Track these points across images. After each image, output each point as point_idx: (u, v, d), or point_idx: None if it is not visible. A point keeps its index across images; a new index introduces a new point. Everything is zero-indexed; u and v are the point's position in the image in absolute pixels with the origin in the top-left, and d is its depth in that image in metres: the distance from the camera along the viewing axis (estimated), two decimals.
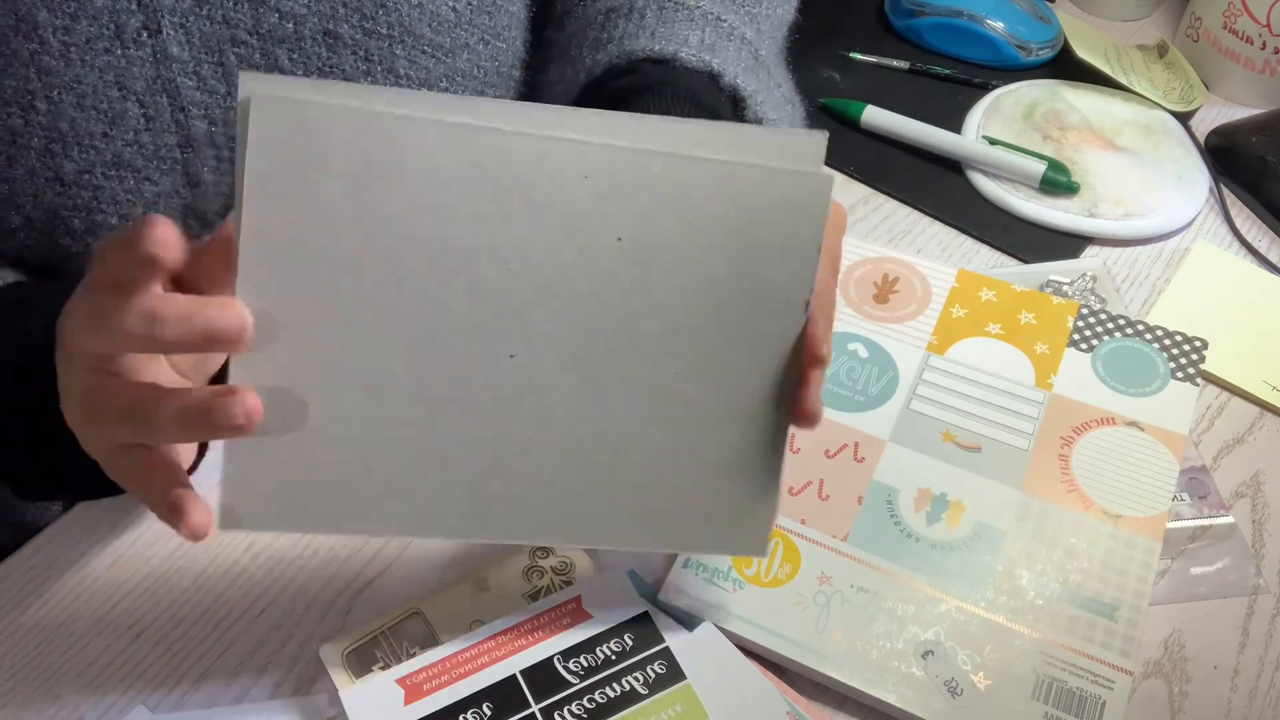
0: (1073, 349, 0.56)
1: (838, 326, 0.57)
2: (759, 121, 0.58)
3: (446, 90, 0.59)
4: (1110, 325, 0.57)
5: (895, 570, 0.48)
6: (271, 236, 0.37)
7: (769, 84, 0.61)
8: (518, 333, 0.40)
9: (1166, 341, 0.56)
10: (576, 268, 0.40)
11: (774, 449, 0.42)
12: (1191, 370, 0.55)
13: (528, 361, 0.40)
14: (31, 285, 0.52)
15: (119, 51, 0.48)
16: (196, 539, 0.38)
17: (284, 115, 0.36)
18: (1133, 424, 0.53)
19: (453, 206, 0.39)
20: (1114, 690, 0.44)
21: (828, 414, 0.53)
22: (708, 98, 0.55)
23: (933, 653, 0.45)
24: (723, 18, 0.60)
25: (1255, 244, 0.66)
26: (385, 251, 0.38)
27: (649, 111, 0.53)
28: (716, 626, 0.46)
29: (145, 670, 0.46)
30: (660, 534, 0.43)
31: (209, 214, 0.55)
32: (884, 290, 0.59)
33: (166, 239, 0.36)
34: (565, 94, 0.60)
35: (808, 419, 0.42)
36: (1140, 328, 0.57)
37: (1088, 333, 0.57)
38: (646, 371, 0.41)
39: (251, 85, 0.36)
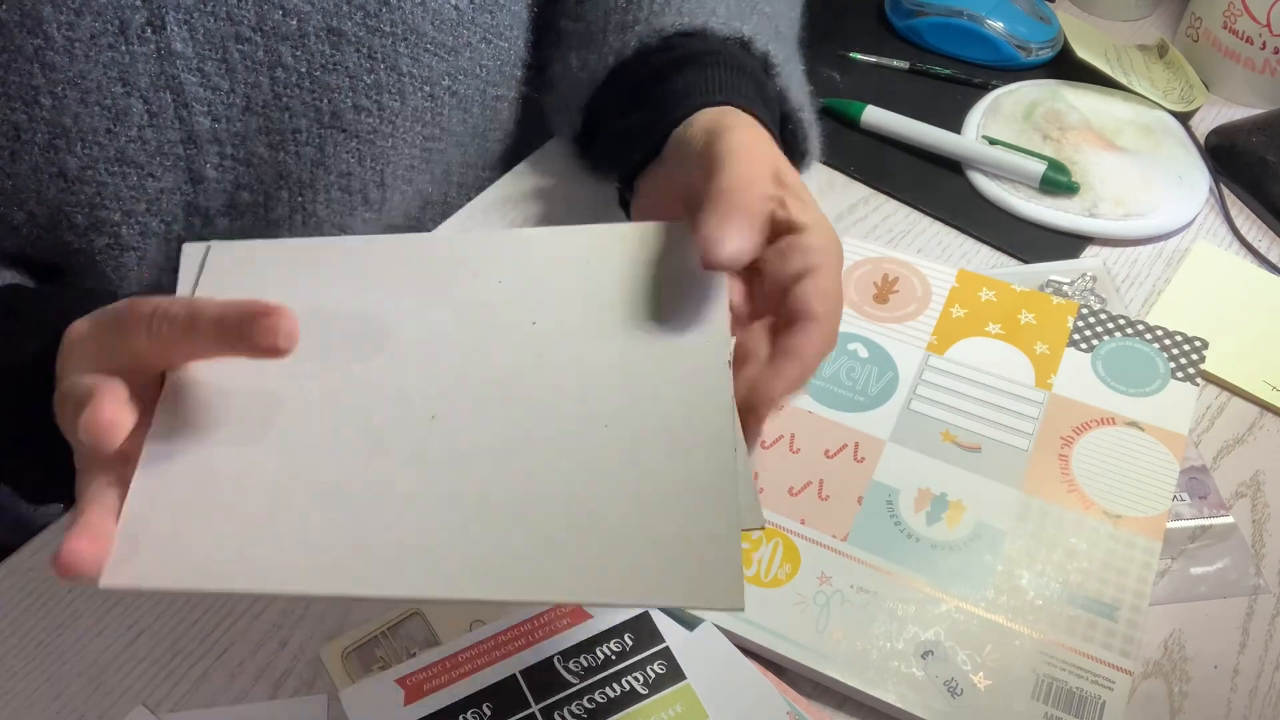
0: (1073, 349, 0.56)
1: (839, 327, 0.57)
2: (786, 90, 0.58)
3: (450, 88, 0.59)
4: (1110, 325, 0.57)
5: (895, 570, 0.48)
6: None
7: (791, 58, 0.61)
8: (437, 397, 0.40)
9: (1166, 341, 0.56)
10: (493, 344, 0.41)
11: (726, 492, 0.38)
12: (1191, 370, 0.55)
13: (449, 422, 0.40)
14: (24, 291, 0.52)
15: (123, 47, 0.48)
16: (62, 571, 0.34)
17: (224, 254, 0.44)
18: (1133, 424, 0.53)
19: (375, 294, 0.42)
20: (1114, 690, 0.44)
21: (828, 414, 0.53)
22: (748, 64, 0.55)
23: (933, 653, 0.45)
24: None
25: (1255, 244, 0.66)
26: (307, 328, 0.37)
27: (695, 81, 0.51)
28: (716, 626, 0.46)
29: (145, 670, 0.46)
30: (617, 587, 0.37)
31: (211, 211, 0.55)
32: (884, 290, 0.59)
33: (115, 422, 0.35)
34: (590, 79, 0.60)
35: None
36: (1140, 328, 0.57)
37: (1088, 333, 0.57)
38: (575, 427, 0.40)
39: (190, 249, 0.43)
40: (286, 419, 0.40)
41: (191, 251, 0.43)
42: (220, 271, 0.43)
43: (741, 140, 0.46)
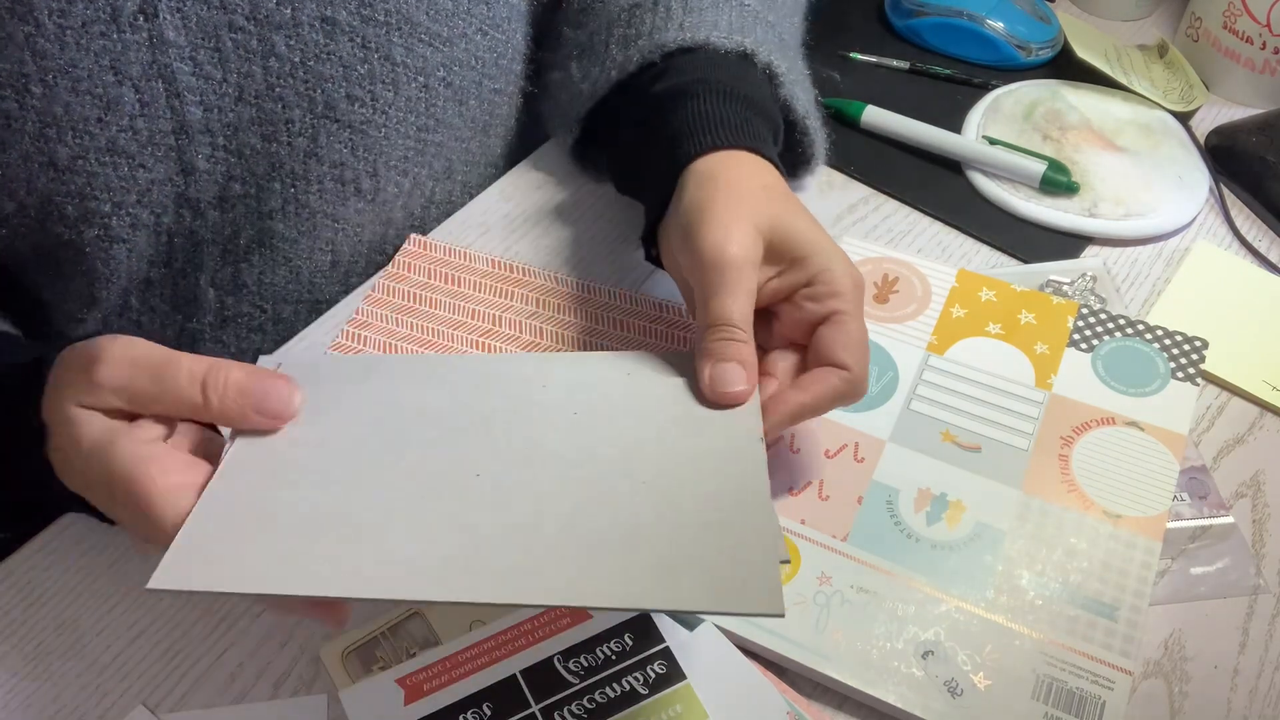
0: (1073, 349, 0.56)
1: None
2: (792, 99, 0.58)
3: (444, 79, 0.59)
4: (1110, 325, 0.57)
5: (895, 570, 0.48)
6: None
7: (794, 66, 0.61)
8: (483, 461, 0.44)
9: (1166, 341, 0.56)
10: (538, 426, 0.46)
11: (763, 514, 0.41)
12: (1191, 370, 0.55)
13: (492, 480, 0.43)
14: None
15: (115, 35, 0.48)
16: None
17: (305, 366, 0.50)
18: (1133, 424, 0.53)
19: (431, 389, 0.47)
20: (1114, 690, 0.44)
21: (828, 414, 0.53)
22: (744, 87, 0.55)
23: (933, 653, 0.45)
24: (745, 2, 0.60)
25: (1255, 244, 0.66)
26: (370, 411, 0.46)
27: (692, 112, 0.53)
28: (716, 626, 0.46)
29: (145, 670, 0.46)
30: (663, 595, 0.39)
31: (202, 203, 0.54)
32: (884, 290, 0.59)
33: None
34: (592, 91, 0.60)
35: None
36: (1140, 328, 0.57)
37: (1088, 333, 0.57)
38: (612, 483, 0.43)
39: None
40: (341, 470, 0.43)
41: (265, 362, 0.48)
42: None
43: (720, 213, 0.48)
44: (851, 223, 0.66)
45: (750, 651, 0.46)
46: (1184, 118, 0.72)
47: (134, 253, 0.54)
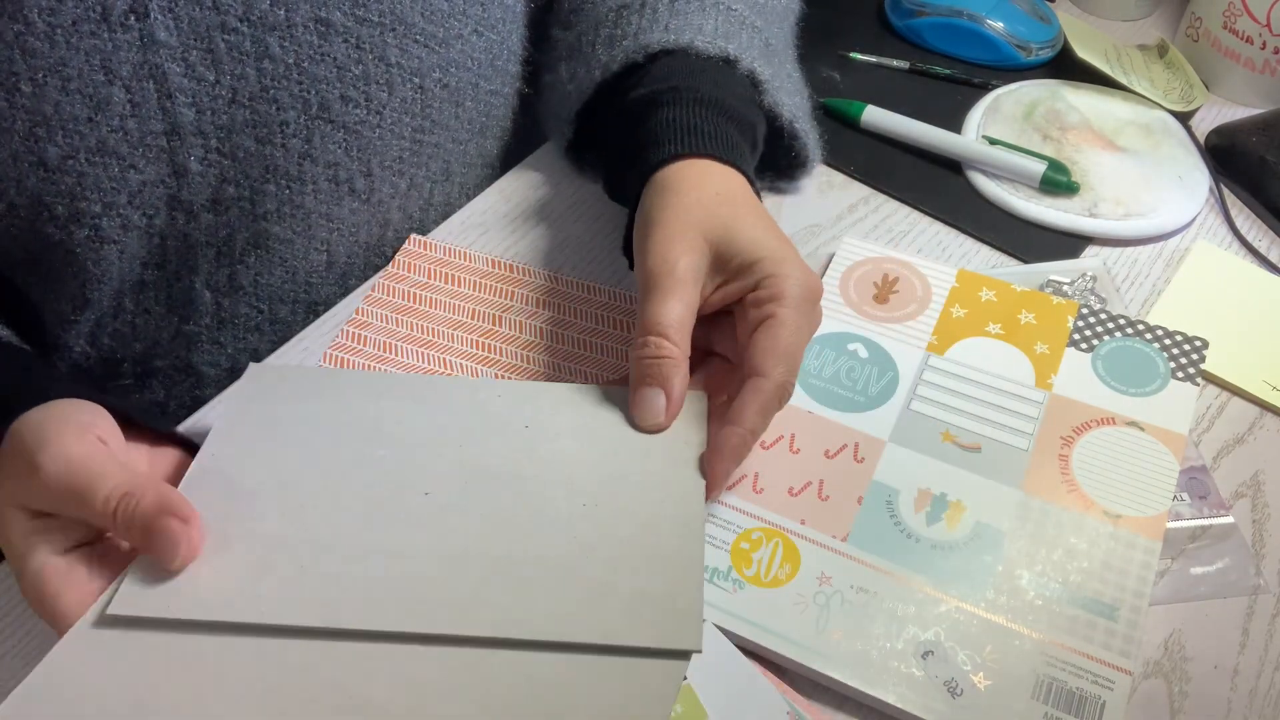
0: (1073, 349, 0.56)
1: (838, 327, 0.57)
2: (776, 106, 0.58)
3: (440, 80, 0.59)
4: (1110, 325, 0.57)
5: (895, 570, 0.48)
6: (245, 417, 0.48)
7: (781, 71, 0.61)
8: (432, 479, 0.46)
9: (1167, 341, 0.56)
10: (488, 441, 0.47)
11: (692, 547, 0.43)
12: (1192, 370, 0.55)
13: (441, 498, 0.45)
14: None
15: (105, 34, 0.47)
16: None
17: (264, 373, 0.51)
18: (1133, 424, 0.53)
19: (385, 404, 0.49)
20: (1114, 690, 0.44)
21: (828, 414, 0.53)
22: (720, 94, 0.55)
23: (933, 653, 0.45)
24: (733, 7, 0.60)
25: (1255, 244, 0.66)
26: (320, 429, 0.48)
27: (662, 120, 0.53)
28: (716, 627, 0.46)
29: None
30: (581, 629, 0.41)
31: (195, 205, 0.54)
32: (884, 290, 0.59)
33: None
34: (578, 93, 0.60)
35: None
36: (1140, 327, 0.57)
37: (1088, 333, 0.57)
38: (556, 506, 0.45)
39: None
40: (294, 492, 0.45)
41: (251, 371, 0.51)
42: (249, 392, 0.50)
43: (668, 221, 0.49)
44: (851, 223, 0.66)
45: (750, 652, 0.46)
46: (1184, 118, 0.72)
47: (125, 254, 0.54)
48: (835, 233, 0.65)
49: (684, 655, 0.40)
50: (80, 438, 0.42)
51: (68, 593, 0.40)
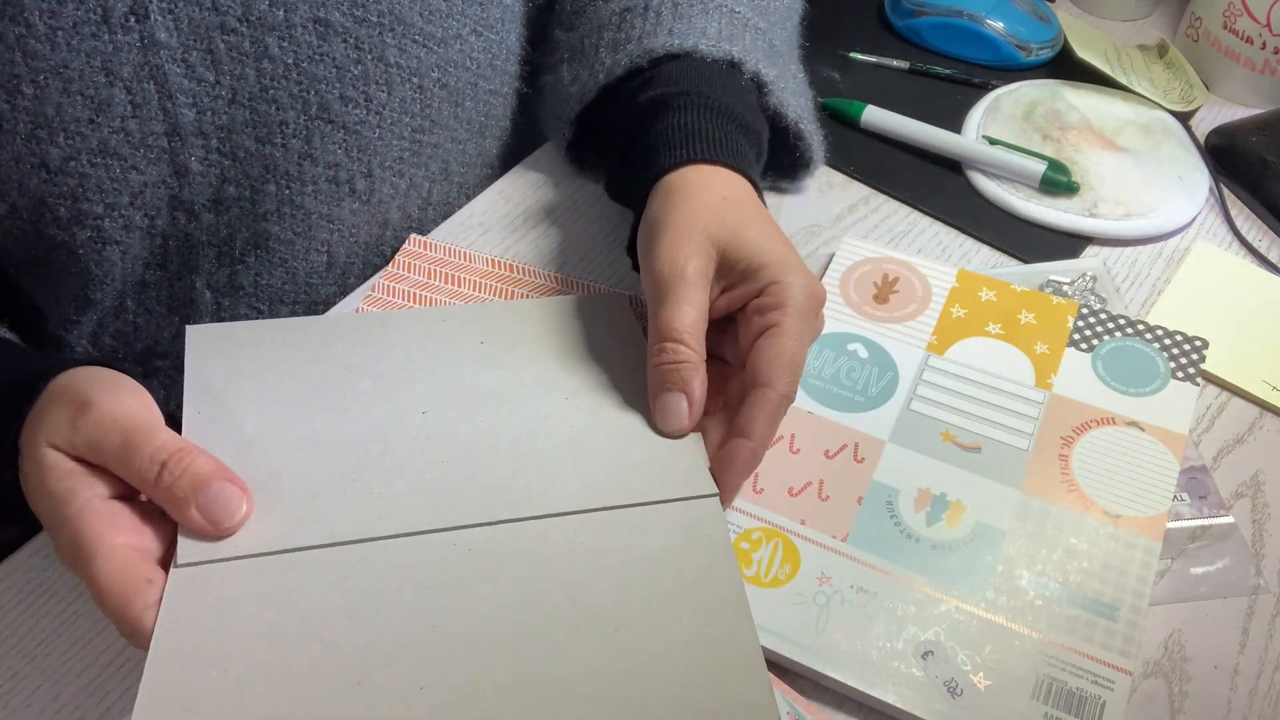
0: (1073, 349, 0.56)
1: (838, 327, 0.57)
2: (782, 106, 0.58)
3: (439, 80, 0.58)
4: (1110, 325, 0.57)
5: (895, 570, 0.48)
6: None
7: (785, 72, 0.61)
8: (422, 399, 0.50)
9: (1167, 341, 0.56)
10: (454, 360, 0.51)
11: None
12: (1192, 370, 0.55)
13: (438, 415, 0.49)
14: None
15: (105, 36, 0.47)
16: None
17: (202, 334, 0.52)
18: (1133, 424, 0.53)
19: (348, 348, 0.52)
20: (1114, 690, 0.44)
21: (828, 414, 0.53)
22: (726, 98, 0.55)
23: (933, 653, 0.45)
24: (736, 9, 0.60)
25: (1255, 244, 0.66)
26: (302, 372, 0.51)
27: (671, 125, 0.54)
28: None
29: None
30: (615, 494, 0.46)
31: (196, 206, 0.54)
32: (884, 290, 0.59)
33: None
34: (580, 95, 0.60)
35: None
36: (1140, 327, 0.57)
37: (1088, 332, 0.57)
38: (543, 399, 0.50)
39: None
40: (297, 436, 0.47)
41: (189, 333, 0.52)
42: (204, 350, 0.50)
43: (676, 225, 0.49)
44: (852, 222, 0.66)
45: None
46: (1184, 118, 0.72)
47: (127, 255, 0.54)
48: (835, 233, 0.65)
49: (711, 497, 0.46)
50: (134, 393, 0.43)
51: (110, 537, 0.39)
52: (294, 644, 0.40)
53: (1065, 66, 0.77)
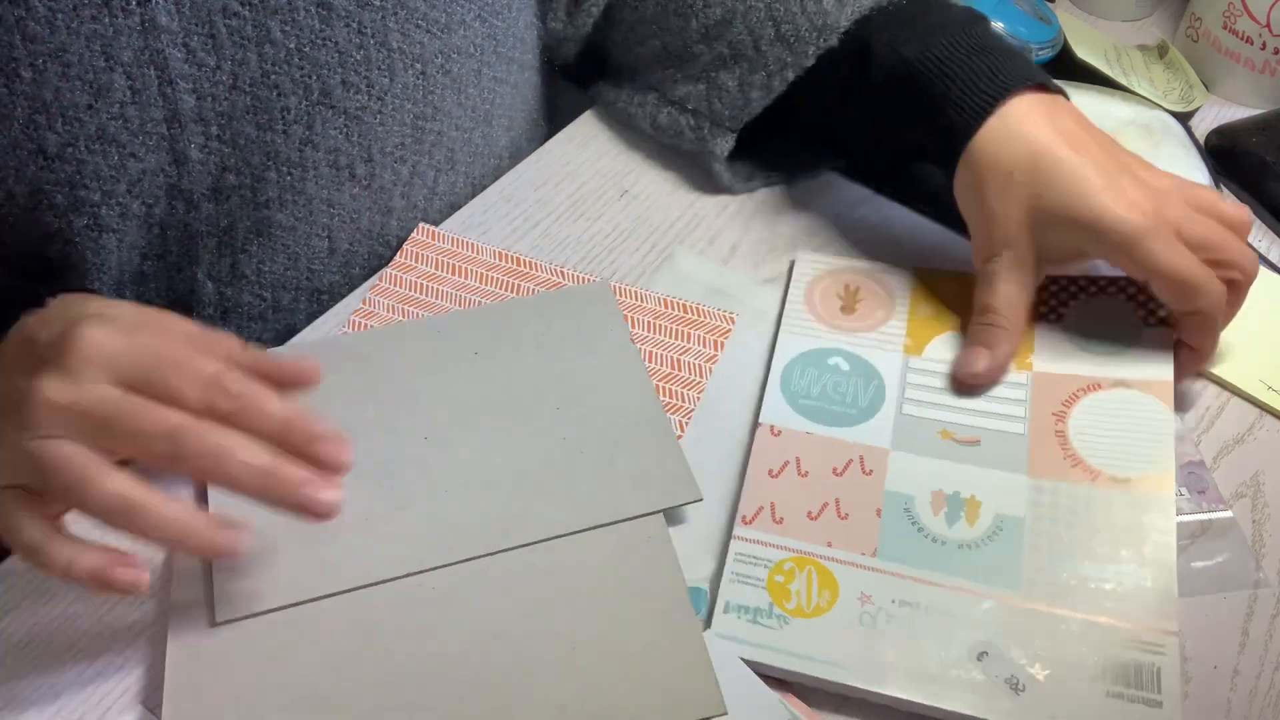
0: (1042, 322, 0.56)
1: (814, 344, 0.57)
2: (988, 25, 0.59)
3: (442, 67, 0.58)
4: (1072, 289, 0.57)
5: (931, 577, 0.47)
6: None
7: None
8: (422, 422, 0.51)
9: (1130, 290, 0.56)
10: (448, 376, 0.54)
11: (658, 416, 0.51)
12: (1162, 313, 0.54)
13: (439, 437, 0.51)
14: None
15: (106, 19, 0.47)
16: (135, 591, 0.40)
17: None
18: (1119, 383, 0.53)
19: (346, 374, 0.53)
20: (1165, 655, 0.44)
21: (826, 431, 0.53)
22: (959, 31, 0.56)
23: (987, 653, 0.45)
24: None
25: (1255, 244, 0.66)
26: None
27: (959, 69, 0.55)
28: (717, 636, 0.46)
29: (145, 670, 0.46)
30: (605, 512, 0.48)
31: (196, 195, 0.54)
32: (849, 301, 0.59)
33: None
34: (764, 93, 0.60)
35: None
36: (1102, 283, 0.56)
37: (1052, 302, 0.56)
38: (534, 413, 0.52)
39: None
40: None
41: None
42: None
43: (991, 199, 0.53)
44: (852, 222, 0.65)
45: (810, 688, 0.45)
46: (1184, 118, 0.72)
47: (124, 243, 0.54)
48: (835, 233, 0.64)
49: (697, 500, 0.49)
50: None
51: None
52: (287, 705, 0.43)
53: (1065, 67, 0.77)
